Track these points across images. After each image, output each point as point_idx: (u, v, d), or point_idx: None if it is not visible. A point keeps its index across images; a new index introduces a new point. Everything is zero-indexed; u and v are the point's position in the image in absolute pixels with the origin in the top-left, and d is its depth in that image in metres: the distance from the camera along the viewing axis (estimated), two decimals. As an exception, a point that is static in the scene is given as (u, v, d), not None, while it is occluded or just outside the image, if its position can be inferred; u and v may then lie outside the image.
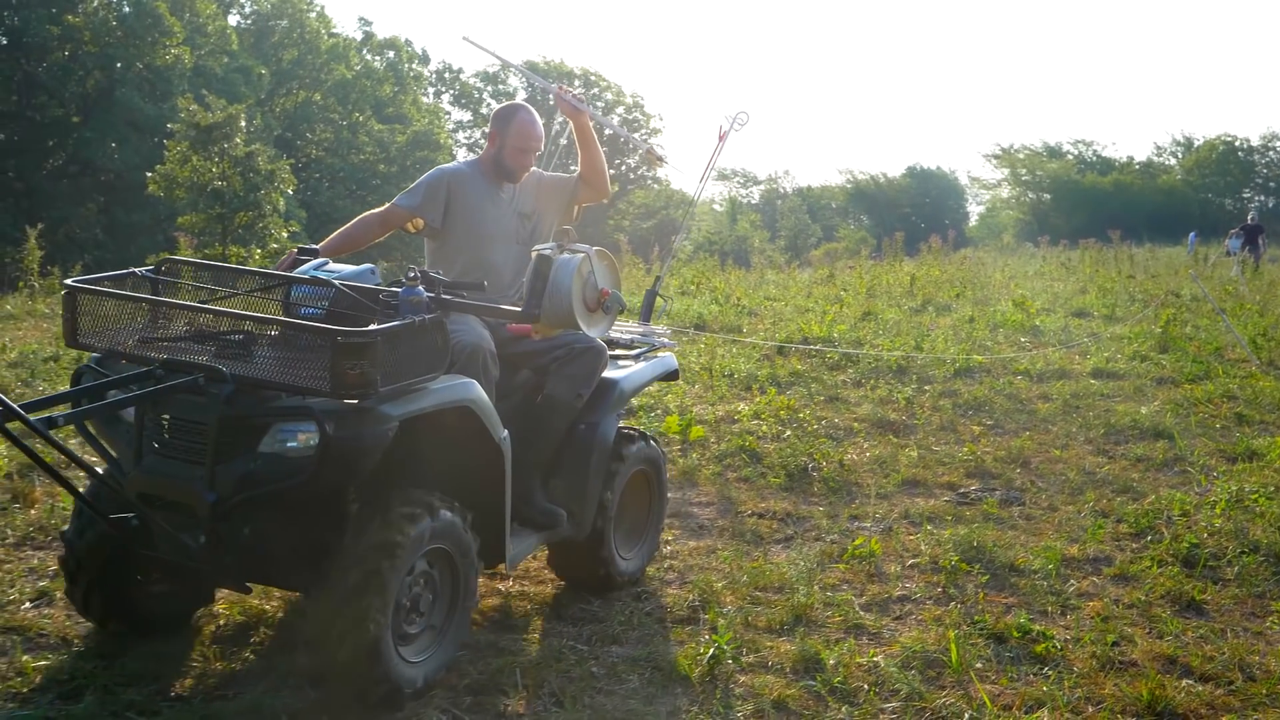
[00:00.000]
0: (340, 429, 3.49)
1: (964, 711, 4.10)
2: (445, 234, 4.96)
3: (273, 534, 3.82)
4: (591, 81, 67.69)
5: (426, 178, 5.01)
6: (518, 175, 5.05)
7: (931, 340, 11.48)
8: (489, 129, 5.05)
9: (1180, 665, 4.60)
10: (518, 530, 4.56)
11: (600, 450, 4.88)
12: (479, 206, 4.96)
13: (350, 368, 3.43)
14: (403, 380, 3.64)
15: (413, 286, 3.80)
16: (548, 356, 4.74)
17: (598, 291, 4.37)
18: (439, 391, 3.84)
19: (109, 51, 43.02)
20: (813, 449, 7.48)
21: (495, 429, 4.12)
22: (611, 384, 4.97)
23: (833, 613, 5.02)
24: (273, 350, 3.73)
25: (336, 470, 3.56)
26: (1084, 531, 6.20)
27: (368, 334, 3.48)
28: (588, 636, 4.72)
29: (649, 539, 5.42)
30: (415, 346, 3.69)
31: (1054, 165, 69.88)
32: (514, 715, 3.99)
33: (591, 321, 4.39)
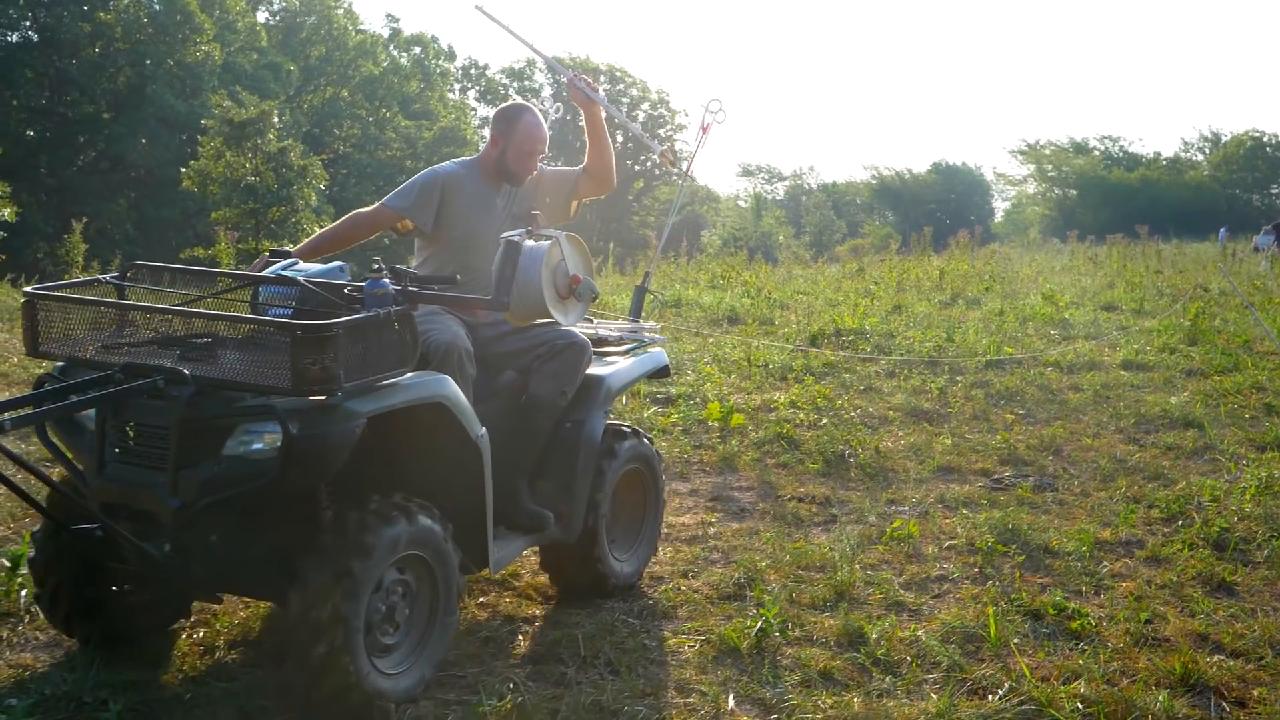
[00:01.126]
0: (304, 428, 3.37)
1: (1004, 682, 4.26)
2: (435, 238, 4.85)
3: (243, 541, 3.71)
4: (617, 78, 67.87)
5: (419, 179, 4.86)
6: (521, 179, 4.92)
7: (963, 332, 11.63)
8: (490, 131, 4.92)
9: (1211, 642, 4.74)
10: (503, 534, 4.44)
11: (588, 449, 4.74)
12: (472, 211, 4.83)
13: (311, 363, 3.32)
14: (369, 376, 3.53)
15: (377, 279, 3.68)
16: (530, 355, 4.63)
17: (569, 278, 4.17)
18: (409, 387, 3.71)
19: (140, 48, 43.44)
20: (849, 436, 7.66)
21: (471, 426, 3.98)
22: (598, 381, 4.84)
23: (873, 590, 5.19)
24: (237, 351, 3.61)
25: (302, 471, 3.46)
26: (1116, 516, 6.35)
27: (327, 327, 3.37)
28: (638, 611, 4.92)
29: (646, 540, 5.27)
30: (382, 340, 3.57)
31: (1080, 161, 69.75)
32: (573, 682, 4.18)
33: (563, 309, 4.19)
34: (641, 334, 5.40)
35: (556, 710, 3.93)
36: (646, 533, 5.26)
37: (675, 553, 5.68)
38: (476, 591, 5.05)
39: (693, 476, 7.02)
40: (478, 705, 3.91)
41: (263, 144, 24.60)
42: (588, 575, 4.89)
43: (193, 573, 3.69)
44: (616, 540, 5.07)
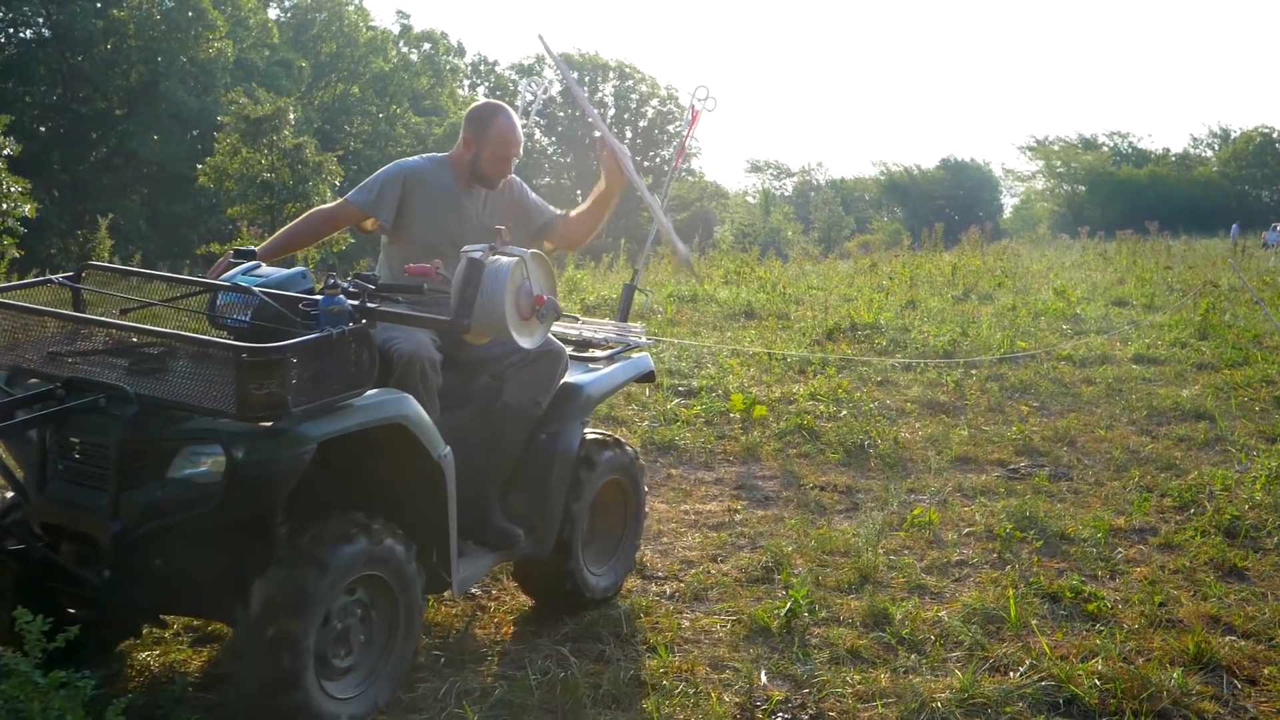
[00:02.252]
0: (250, 453, 3.22)
1: (1024, 660, 4.44)
2: (399, 235, 4.64)
3: (190, 563, 3.51)
4: (626, 74, 68.08)
5: (382, 173, 4.67)
6: (495, 182, 4.72)
7: (976, 327, 11.80)
8: (463, 132, 4.67)
9: (1223, 624, 4.92)
10: (472, 550, 4.27)
11: (563, 461, 4.53)
12: (437, 208, 4.62)
13: (257, 388, 3.15)
14: (322, 398, 3.35)
15: (333, 295, 3.49)
16: (504, 362, 4.42)
17: (532, 299, 3.91)
18: (365, 408, 3.52)
19: (153, 45, 43.72)
20: (868, 427, 7.85)
21: (433, 446, 3.78)
22: (575, 389, 4.64)
23: (896, 574, 5.38)
24: (188, 366, 3.42)
25: (248, 497, 3.31)
26: (1130, 504, 6.53)
27: (275, 351, 3.19)
28: (670, 594, 5.12)
29: (624, 553, 5.07)
30: (336, 360, 3.40)
31: (1089, 157, 69.85)
32: (613, 659, 4.37)
33: (525, 330, 3.94)
34: (627, 337, 5.16)
35: (598, 685, 4.12)
36: (625, 546, 5.07)
37: (704, 538, 5.88)
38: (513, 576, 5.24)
39: (717, 466, 7.22)
40: (524, 679, 4.11)
41: (279, 140, 24.83)
42: (560, 590, 4.69)
43: (134, 597, 3.52)
44: (593, 553, 4.89)
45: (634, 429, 7.79)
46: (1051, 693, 4.19)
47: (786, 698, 4.13)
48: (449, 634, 4.63)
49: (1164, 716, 4.08)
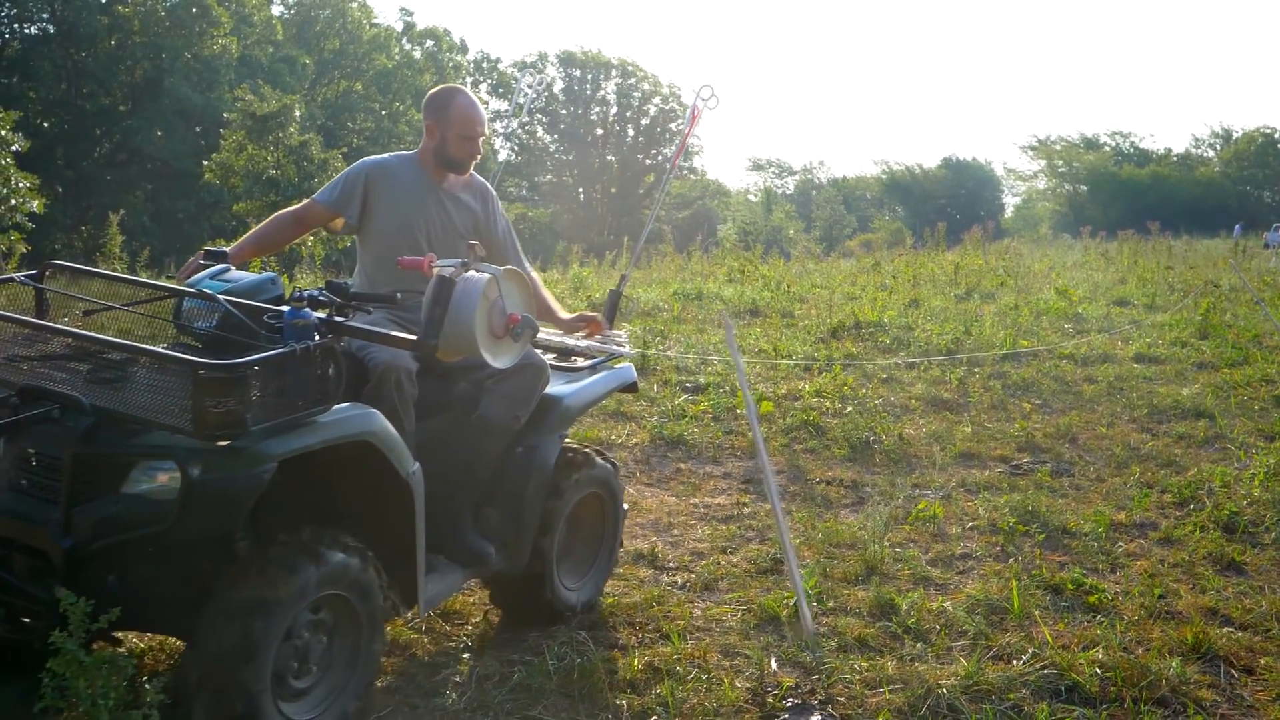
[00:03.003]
0: (206, 471, 3.11)
1: (1027, 649, 4.56)
2: (368, 232, 4.51)
3: (146, 579, 3.36)
4: (629, 72, 68.16)
5: (346, 171, 4.56)
6: (465, 165, 4.57)
7: (979, 326, 11.92)
8: (425, 120, 4.55)
9: (1221, 615, 5.04)
10: (442, 566, 4.14)
11: (539, 476, 4.41)
12: (405, 202, 4.48)
13: (214, 405, 3.03)
14: (284, 415, 3.22)
15: (299, 309, 3.36)
16: (483, 372, 4.24)
17: (505, 317, 3.78)
18: (329, 425, 3.38)
19: (157, 41, 43.80)
20: (873, 424, 7.98)
21: (402, 463, 3.64)
22: (554, 402, 4.49)
23: (902, 567, 5.50)
24: (144, 378, 3.28)
25: (202, 517, 3.17)
26: (1130, 500, 6.65)
27: (234, 368, 3.07)
28: (682, 584, 5.25)
29: (600, 567, 4.96)
30: (301, 376, 3.26)
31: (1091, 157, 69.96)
32: (628, 646, 4.50)
33: (498, 350, 3.80)
34: (610, 345, 4.99)
35: (614, 670, 4.25)
36: (602, 559, 4.96)
37: (713, 531, 6.01)
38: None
39: (725, 460, 7.35)
40: (542, 664, 4.23)
41: (284, 137, 24.96)
42: (534, 604, 4.59)
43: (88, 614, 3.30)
44: (569, 567, 4.78)
45: (643, 424, 7.93)
46: (1053, 680, 4.31)
47: (796, 684, 4.25)
48: (467, 621, 4.76)
49: (1163, 704, 4.20)
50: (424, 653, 4.44)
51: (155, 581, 3.36)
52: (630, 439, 7.65)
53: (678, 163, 6.73)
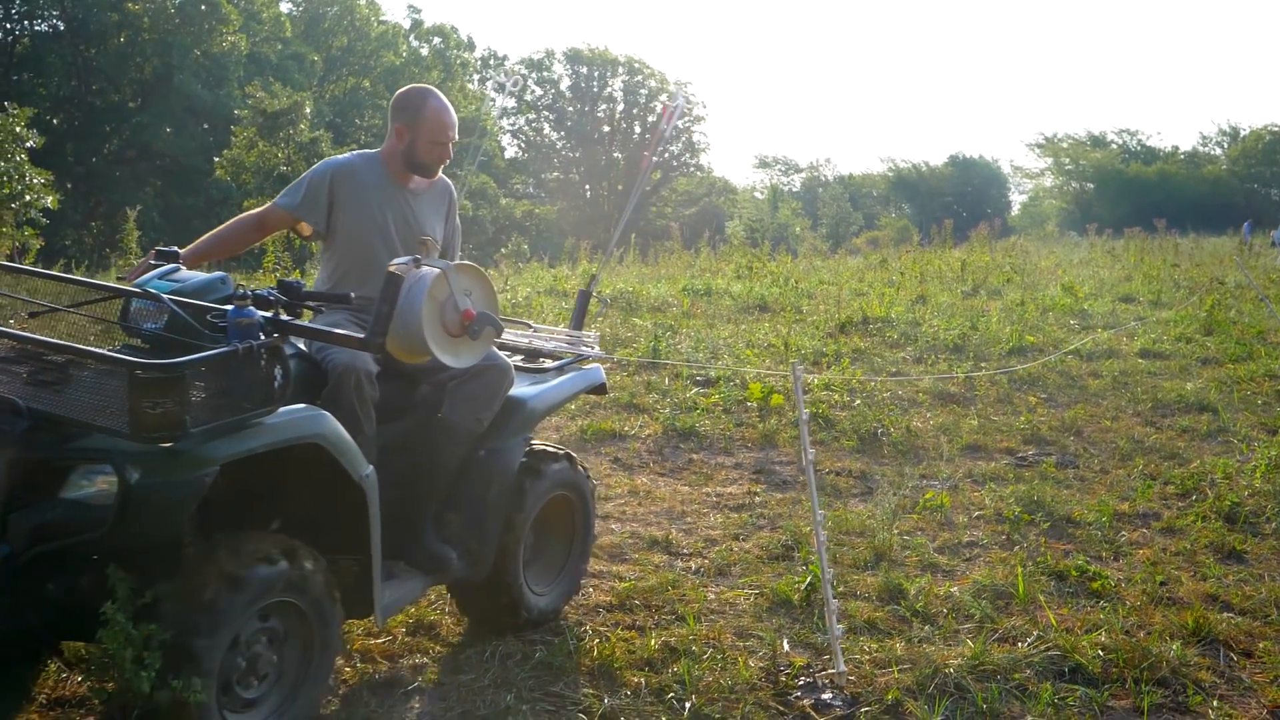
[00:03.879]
0: (145, 475, 3.01)
1: (1031, 632, 4.71)
2: (333, 237, 4.37)
3: (89, 587, 3.21)
4: (635, 69, 68.27)
5: (309, 172, 4.41)
6: (434, 170, 4.44)
7: (986, 321, 12.06)
8: (393, 122, 4.39)
9: (1221, 602, 5.18)
10: (402, 572, 4.05)
11: (502, 480, 4.30)
12: (370, 205, 4.34)
13: (151, 407, 2.94)
14: (227, 417, 3.13)
15: (242, 307, 3.26)
16: (445, 374, 4.13)
17: (459, 314, 3.64)
18: (276, 427, 3.27)
19: (166, 38, 43.98)
20: (881, 416, 8.12)
21: (354, 466, 3.53)
22: (518, 404, 4.37)
23: (910, 554, 5.65)
24: (84, 380, 3.18)
25: (141, 522, 3.06)
26: (1134, 491, 6.79)
27: (171, 368, 2.97)
28: (696, 569, 5.40)
29: (570, 572, 4.83)
30: (245, 377, 3.18)
31: (1098, 155, 69.94)
32: (645, 627, 4.65)
33: (453, 349, 3.67)
34: (579, 347, 4.88)
35: (633, 650, 4.40)
36: (571, 565, 4.84)
37: (725, 518, 6.16)
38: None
39: (736, 451, 7.50)
40: (562, 644, 4.39)
41: (295, 134, 25.14)
42: (498, 609, 4.49)
43: (26, 622, 3.25)
44: (536, 572, 4.68)
45: (656, 416, 8.07)
46: (1057, 661, 4.46)
47: (808, 663, 4.40)
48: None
49: (1163, 684, 4.34)
50: (448, 632, 4.60)
51: (96, 591, 3.18)
52: (643, 430, 7.80)
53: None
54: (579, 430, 7.69)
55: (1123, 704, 4.21)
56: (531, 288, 14.63)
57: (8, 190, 19.98)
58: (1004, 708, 4.10)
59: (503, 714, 3.90)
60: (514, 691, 4.07)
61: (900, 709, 4.08)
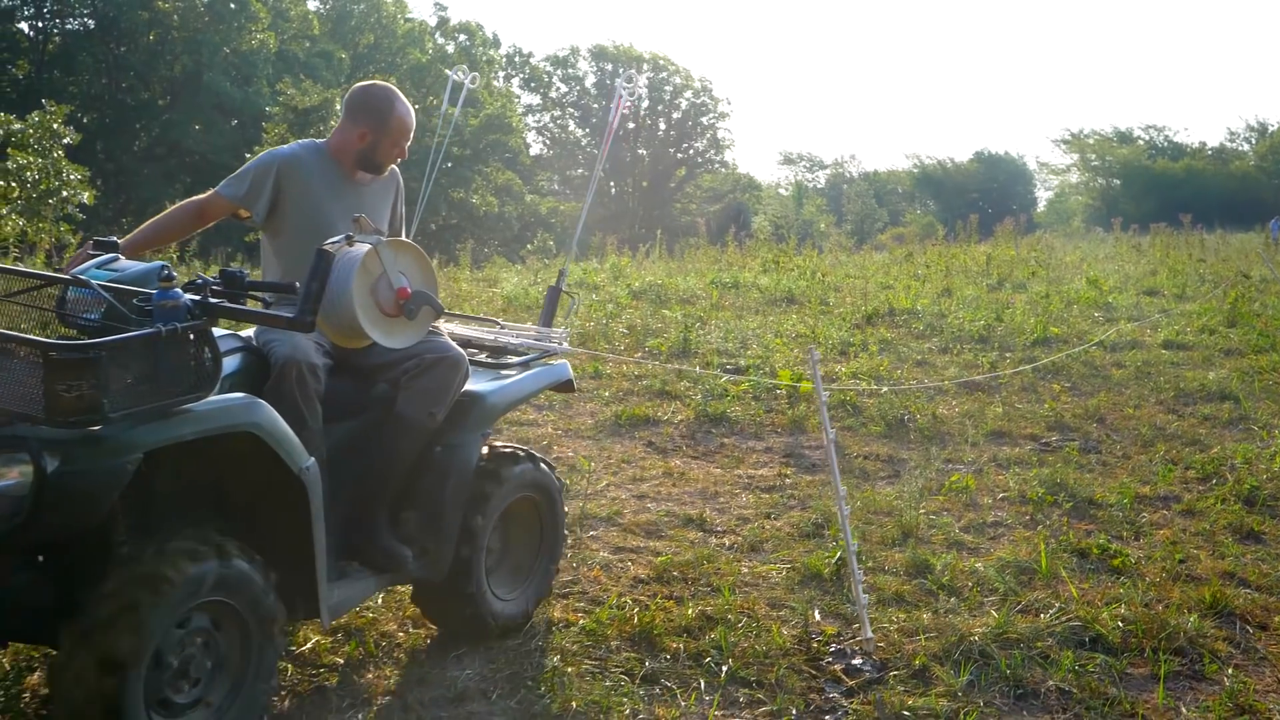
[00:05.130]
0: (63, 463, 2.88)
1: (1053, 604, 4.89)
2: (276, 229, 4.28)
3: (20, 585, 3.17)
4: (661, 65, 68.43)
5: (254, 162, 4.30)
6: (385, 168, 4.38)
7: (1011, 314, 12.22)
8: (354, 121, 4.28)
9: (1239, 578, 5.35)
10: (355, 571, 3.94)
11: (459, 477, 4.17)
12: (317, 198, 4.24)
13: (66, 389, 2.84)
14: (152, 401, 3.01)
15: (167, 289, 3.14)
16: (397, 369, 4.07)
17: (394, 292, 3.51)
18: (205, 415, 3.15)
19: (196, 36, 44.41)
20: (908, 403, 8.31)
21: (293, 458, 3.39)
22: (475, 399, 4.24)
23: (936, 532, 5.84)
24: (15, 367, 3.03)
25: (59, 512, 2.92)
26: (1155, 475, 6.96)
27: (86, 349, 2.88)
28: (730, 545, 5.61)
29: (538, 577, 4.65)
30: (172, 361, 3.05)
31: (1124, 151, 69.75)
32: (682, 597, 4.87)
33: (389, 329, 3.54)
34: (545, 343, 4.80)
35: (671, 619, 4.61)
36: (540, 569, 4.67)
37: (757, 499, 6.36)
38: (588, 527, 5.74)
39: (766, 436, 7.70)
40: (601, 613, 4.60)
41: (325, 130, 25.43)
42: (460, 615, 4.34)
43: None
44: (501, 576, 4.53)
45: (687, 402, 8.28)
46: (1078, 632, 4.65)
47: (839, 632, 4.61)
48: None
49: (1180, 654, 4.53)
50: (493, 601, 4.82)
51: (19, 588, 3.15)
52: (675, 416, 8.01)
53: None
54: (614, 415, 7.91)
55: (1141, 672, 4.40)
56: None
57: (45, 186, 20.34)
58: (1027, 674, 4.29)
59: (549, 675, 4.12)
60: (559, 654, 4.29)
61: (927, 673, 4.28)
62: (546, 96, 68.88)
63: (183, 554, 3.11)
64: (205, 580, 3.14)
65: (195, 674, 3.24)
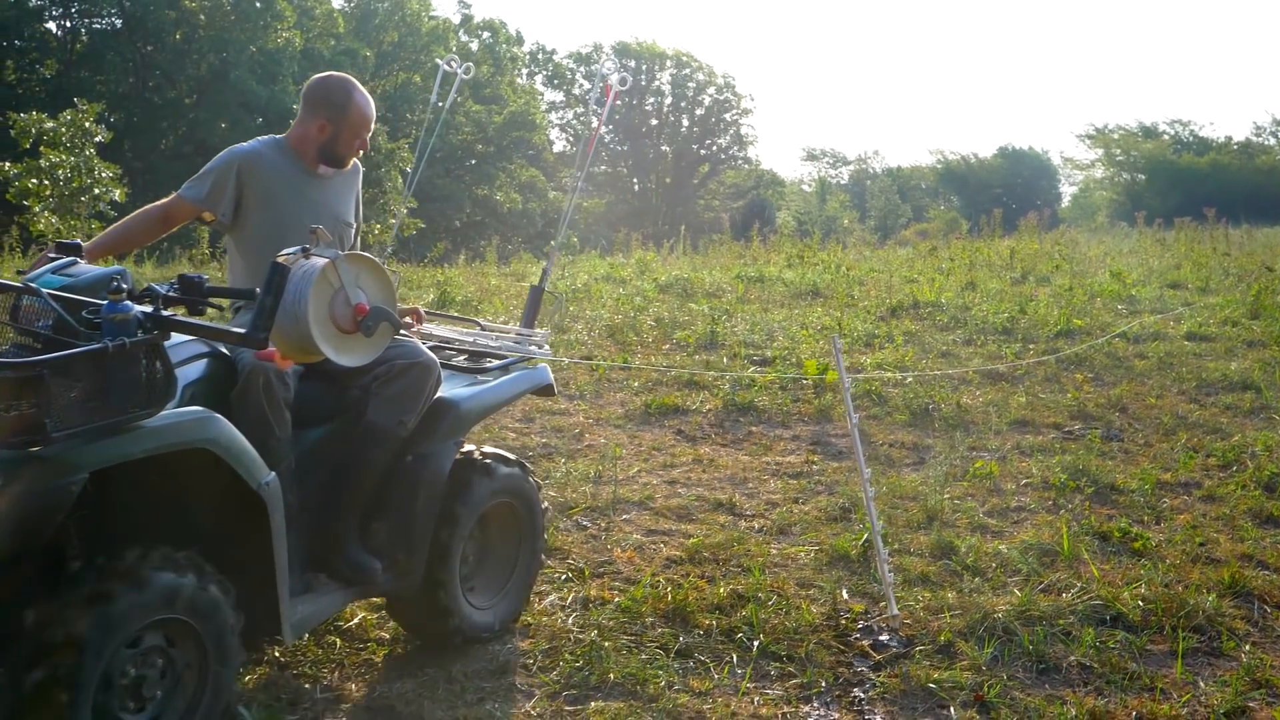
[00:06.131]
0: (3, 485, 2.78)
1: (1075, 584, 5.03)
2: (241, 229, 4.17)
3: None
4: (683, 62, 68.54)
5: (215, 162, 4.16)
6: (348, 161, 4.28)
7: (1034, 306, 12.32)
8: (313, 114, 4.18)
9: (1257, 561, 5.48)
10: (323, 585, 3.83)
11: (431, 487, 4.05)
12: (281, 195, 4.14)
13: (5, 408, 2.74)
14: (98, 420, 2.89)
15: (117, 301, 2.98)
16: (368, 375, 3.95)
17: (351, 308, 3.36)
18: (157, 431, 3.03)
19: (222, 35, 44.72)
20: (932, 393, 8.44)
21: (252, 473, 3.29)
22: (448, 406, 4.13)
23: (960, 516, 5.98)
24: None
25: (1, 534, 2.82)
26: (1176, 462, 7.08)
27: (25, 366, 2.77)
28: (759, 528, 5.78)
29: (516, 586, 4.54)
30: (122, 377, 2.93)
31: (1149, 145, 69.39)
32: (715, 578, 5.03)
33: (345, 346, 3.39)
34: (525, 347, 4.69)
35: (704, 597, 4.78)
36: (518, 578, 4.55)
37: (785, 484, 6.52)
38: (621, 511, 5.91)
39: (793, 424, 7.86)
40: (636, 591, 4.77)
41: (353, 129, 25.66)
42: (434, 625, 4.24)
43: None
44: (479, 584, 4.44)
45: (715, 392, 8.44)
46: (1099, 610, 4.79)
47: (866, 609, 4.77)
48: (568, 555, 5.30)
49: (1199, 631, 4.67)
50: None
51: None
52: (704, 405, 8.16)
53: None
54: (643, 405, 8.07)
55: (1160, 648, 4.54)
56: (589, 275, 15.06)
57: (78, 184, 20.62)
58: (1049, 649, 4.44)
59: (587, 649, 4.29)
60: (596, 630, 4.45)
61: (952, 649, 4.43)
62: (569, 94, 69.08)
63: (134, 571, 3.01)
64: (158, 598, 3.03)
65: (148, 694, 3.12)
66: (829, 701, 4.07)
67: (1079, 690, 4.17)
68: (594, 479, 6.44)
